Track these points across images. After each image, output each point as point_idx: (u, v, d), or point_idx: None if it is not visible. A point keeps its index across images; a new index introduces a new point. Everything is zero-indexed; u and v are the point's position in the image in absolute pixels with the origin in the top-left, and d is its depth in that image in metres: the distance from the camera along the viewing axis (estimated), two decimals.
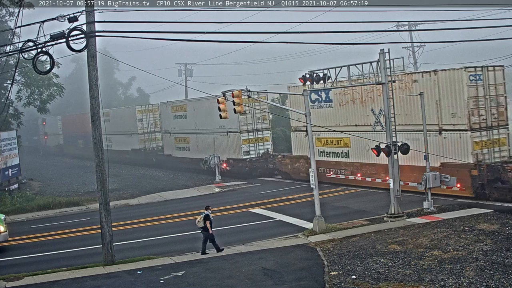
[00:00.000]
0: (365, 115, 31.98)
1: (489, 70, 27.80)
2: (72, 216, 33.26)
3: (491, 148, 27.68)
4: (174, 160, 51.98)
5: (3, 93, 46.13)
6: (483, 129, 27.58)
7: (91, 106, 21.44)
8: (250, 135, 42.13)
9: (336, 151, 35.11)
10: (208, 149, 45.55)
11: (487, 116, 27.71)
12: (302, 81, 26.87)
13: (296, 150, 39.19)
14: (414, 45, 50.42)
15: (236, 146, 42.48)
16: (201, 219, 21.61)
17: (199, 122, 46.94)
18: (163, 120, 55.03)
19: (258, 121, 42.33)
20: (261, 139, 42.39)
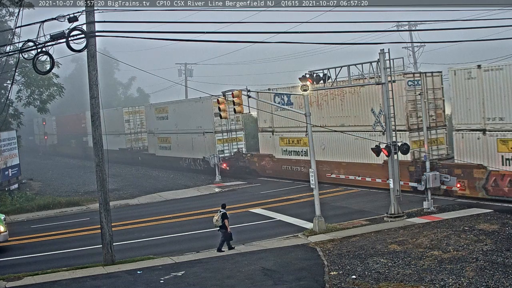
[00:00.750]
0: (321, 116, 34.55)
1: (427, 76, 30.24)
2: (72, 216, 33.26)
3: (430, 147, 29.32)
4: (157, 159, 54.71)
5: (3, 93, 46.13)
6: (421, 130, 29.26)
7: (91, 106, 21.44)
8: (224, 135, 45.12)
9: (297, 150, 38.28)
10: (187, 148, 48.94)
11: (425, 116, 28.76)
12: (302, 81, 26.84)
13: (263, 149, 42.50)
14: (414, 45, 50.40)
15: (211, 146, 45.10)
16: (219, 218, 21.77)
17: (179, 123, 49.84)
18: (148, 121, 57.59)
19: (232, 122, 45.15)
20: (235, 139, 45.42)
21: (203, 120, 46.04)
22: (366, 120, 32.08)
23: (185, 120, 48.98)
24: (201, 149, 46.63)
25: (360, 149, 32.58)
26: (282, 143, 39.76)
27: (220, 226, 21.76)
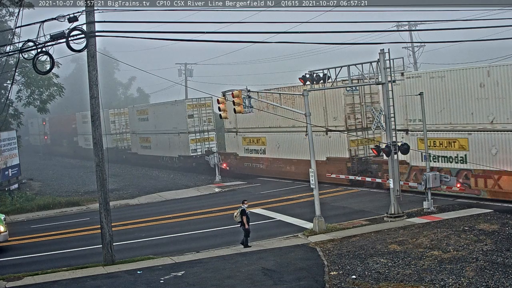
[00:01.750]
0: (275, 119, 37.32)
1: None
2: (72, 216, 33.26)
3: (366, 145, 33.92)
4: (139, 157, 59.14)
5: (3, 93, 46.14)
6: (358, 130, 33.86)
7: (91, 106, 21.43)
8: (197, 135, 49.59)
9: (256, 149, 42.37)
10: (165, 147, 53.63)
11: (362, 119, 33.97)
12: (302, 81, 26.88)
13: (228, 148, 46.65)
14: (414, 45, 50.40)
15: (185, 145, 49.75)
16: (238, 214, 22.08)
17: (158, 124, 54.27)
18: (131, 122, 61.92)
19: (204, 123, 49.84)
20: (207, 138, 49.84)
21: (178, 122, 50.37)
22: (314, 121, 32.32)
23: (163, 121, 53.31)
24: (177, 148, 51.23)
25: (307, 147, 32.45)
26: (244, 142, 43.93)
27: (240, 222, 22.16)
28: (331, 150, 35.23)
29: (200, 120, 49.61)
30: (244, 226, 22.01)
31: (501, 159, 25.56)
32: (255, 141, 42.63)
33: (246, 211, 22.14)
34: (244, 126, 43.43)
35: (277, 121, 37.78)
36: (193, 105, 49.98)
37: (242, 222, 22.01)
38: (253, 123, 41.68)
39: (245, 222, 21.94)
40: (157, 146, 55.05)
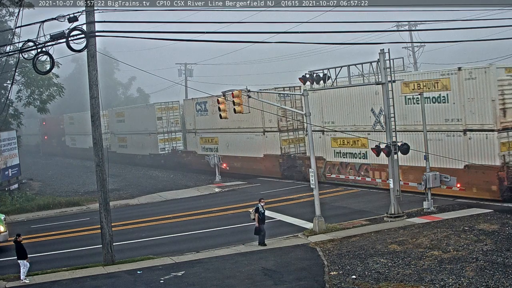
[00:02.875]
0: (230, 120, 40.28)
1: (296, 89, 37.02)
2: (72, 216, 33.26)
3: (297, 144, 39.72)
4: (117, 156, 63.03)
5: (3, 93, 46.13)
6: (290, 131, 39.79)
7: (91, 106, 21.45)
8: (165, 135, 55.22)
9: (211, 147, 48.26)
10: (138, 147, 59.20)
11: (293, 122, 39.14)
12: (302, 81, 26.86)
13: (189, 147, 52.91)
14: (414, 45, 50.38)
15: (155, 144, 55.56)
16: (253, 212, 22.34)
17: (132, 125, 59.57)
18: (110, 123, 66.49)
19: (172, 125, 55.21)
20: (174, 138, 55.30)
21: (149, 123, 55.97)
22: (255, 123, 40.97)
23: (136, 123, 58.72)
24: (148, 146, 57.09)
25: (249, 146, 42.73)
26: (201, 141, 49.85)
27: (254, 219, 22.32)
28: (267, 148, 41.20)
29: (168, 122, 55.27)
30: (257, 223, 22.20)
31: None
32: (210, 141, 48.55)
33: (260, 210, 22.21)
34: (201, 128, 49.21)
35: (227, 123, 41.35)
36: (162, 109, 55.37)
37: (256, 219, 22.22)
38: (208, 124, 47.60)
39: (257, 219, 22.10)
40: (132, 145, 60.80)
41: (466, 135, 27.17)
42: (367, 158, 32.21)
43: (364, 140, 31.85)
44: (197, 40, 20.90)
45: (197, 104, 49.29)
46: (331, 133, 34.67)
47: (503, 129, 26.22)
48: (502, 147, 26.27)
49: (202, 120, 48.53)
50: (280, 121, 39.52)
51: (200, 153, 49.53)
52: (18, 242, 19.97)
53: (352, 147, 33.73)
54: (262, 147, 41.56)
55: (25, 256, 19.78)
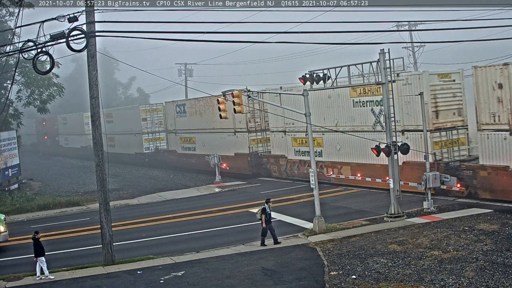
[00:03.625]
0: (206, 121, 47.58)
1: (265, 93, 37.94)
2: (72, 216, 33.25)
3: (264, 143, 43.16)
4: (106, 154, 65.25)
5: (3, 93, 46.14)
6: (258, 131, 43.12)
7: (91, 106, 21.49)
8: (149, 135, 58.83)
9: (190, 146, 51.74)
10: (125, 146, 62.46)
11: (261, 123, 42.92)
12: (302, 81, 26.86)
13: (170, 146, 56.71)
14: (414, 45, 50.34)
15: (140, 144, 59.03)
16: (259, 212, 22.34)
17: (120, 126, 62.65)
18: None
19: (156, 126, 58.83)
20: (158, 138, 58.82)
21: (134, 124, 59.19)
22: (227, 124, 43.27)
23: (123, 124, 62.17)
24: (133, 146, 60.30)
25: (222, 145, 46.16)
26: (181, 141, 53.24)
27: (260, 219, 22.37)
28: (238, 147, 44.16)
29: (152, 123, 58.75)
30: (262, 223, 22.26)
31: (342, 153, 34.47)
32: (188, 140, 51.98)
33: (267, 210, 22.26)
34: (181, 128, 52.80)
35: (203, 124, 47.68)
36: (146, 110, 58.95)
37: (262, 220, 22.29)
38: (187, 125, 51.65)
39: (263, 220, 22.15)
40: (120, 144, 64.12)
41: (404, 135, 29.98)
42: (322, 156, 35.98)
43: (319, 139, 35.86)
44: (197, 40, 20.90)
45: (177, 106, 53.37)
46: (292, 134, 38.40)
47: (436, 130, 29.23)
48: (434, 145, 29.15)
49: (182, 121, 52.57)
50: (249, 122, 43.05)
51: (180, 152, 53.49)
52: (37, 239, 20.11)
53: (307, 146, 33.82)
54: (233, 146, 44.68)
55: (43, 253, 19.98)
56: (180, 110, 52.97)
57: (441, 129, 29.52)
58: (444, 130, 29.55)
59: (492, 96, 25.74)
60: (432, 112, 29.22)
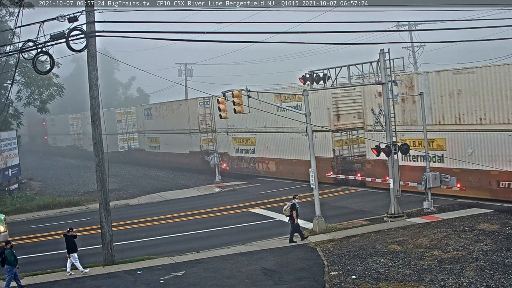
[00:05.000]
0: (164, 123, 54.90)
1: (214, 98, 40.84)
2: (72, 216, 33.25)
3: (214, 143, 47.66)
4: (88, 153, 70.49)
5: (3, 93, 46.12)
6: (209, 132, 48.40)
7: (91, 106, 21.46)
8: (124, 136, 66.13)
9: (155, 145, 58.63)
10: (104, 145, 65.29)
11: (212, 124, 47.53)
12: (302, 81, 26.86)
13: (140, 145, 63.19)
14: (414, 45, 50.32)
15: (115, 143, 64.58)
16: (288, 208, 22.40)
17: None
18: (83, 125, 78.06)
19: (130, 127, 65.57)
20: (131, 138, 65.51)
21: (110, 125, 61.24)
22: (183, 125, 51.37)
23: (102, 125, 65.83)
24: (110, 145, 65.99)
25: (180, 144, 52.33)
26: (148, 141, 60.00)
27: (289, 216, 22.39)
28: (192, 146, 50.45)
29: (126, 124, 65.31)
30: (294, 220, 22.27)
31: (270, 150, 40.46)
32: (154, 140, 58.48)
33: (297, 206, 22.30)
34: (148, 129, 59.29)
35: (165, 125, 54.54)
36: (121, 113, 66.15)
37: (291, 216, 22.27)
38: (153, 127, 58.38)
39: (295, 216, 22.16)
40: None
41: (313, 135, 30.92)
42: (254, 153, 42.09)
43: (252, 138, 42.17)
44: (197, 40, 20.89)
45: (145, 110, 60.55)
46: (233, 134, 44.58)
47: (337, 130, 34.87)
48: (336, 143, 35.20)
49: (149, 123, 59.22)
50: (201, 124, 48.80)
51: (148, 150, 60.21)
52: (69, 236, 20.30)
53: (246, 145, 43.39)
54: (188, 145, 50.94)
55: (76, 250, 20.21)
56: (148, 113, 59.53)
57: (342, 130, 34.70)
58: (344, 130, 34.63)
59: (374, 103, 30.73)
60: (334, 116, 35.03)
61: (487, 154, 26.23)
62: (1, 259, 18.55)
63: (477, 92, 26.38)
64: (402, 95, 29.94)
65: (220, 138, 46.69)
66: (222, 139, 46.48)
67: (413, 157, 29.54)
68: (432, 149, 28.04)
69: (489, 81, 25.78)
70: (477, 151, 26.68)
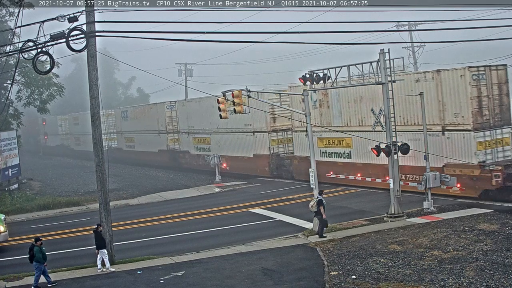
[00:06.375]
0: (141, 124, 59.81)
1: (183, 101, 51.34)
2: (72, 216, 33.26)
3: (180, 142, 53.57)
4: (75, 152, 79.07)
5: (3, 93, 46.14)
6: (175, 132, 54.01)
7: (91, 106, 21.47)
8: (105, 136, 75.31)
9: (130, 144, 63.75)
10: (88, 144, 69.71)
11: (177, 125, 53.13)
12: (302, 81, 26.86)
13: (119, 145, 67.67)
14: (414, 45, 50.33)
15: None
16: (315, 204, 22.66)
17: (83, 127, 71.88)
18: (70, 126, 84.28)
19: (111, 127, 69.09)
20: (112, 138, 68.75)
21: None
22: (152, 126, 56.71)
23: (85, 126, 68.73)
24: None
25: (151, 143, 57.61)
26: (125, 140, 65.13)
27: (316, 212, 22.65)
28: (160, 145, 56.31)
29: (107, 125, 67.53)
30: (321, 216, 22.45)
31: (222, 148, 44.93)
32: (130, 140, 63.67)
33: (323, 201, 22.39)
34: (125, 130, 64.27)
35: (139, 126, 59.97)
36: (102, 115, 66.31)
37: (319, 211, 22.47)
38: (128, 127, 63.43)
39: (322, 211, 22.34)
40: (84, 143, 73.21)
41: (254, 135, 41.50)
42: (210, 151, 46.64)
43: (208, 138, 47.96)
44: (197, 40, 20.88)
45: (122, 112, 65.70)
46: (193, 134, 50.02)
47: (273, 131, 40.53)
48: (272, 142, 40.49)
49: (125, 124, 64.31)
50: (168, 125, 54.51)
51: (125, 149, 65.12)
52: (99, 232, 20.39)
53: (203, 144, 49.01)
54: (157, 144, 56.67)
55: (105, 246, 20.31)
56: (124, 115, 64.82)
57: (278, 131, 40.48)
58: (280, 131, 40.47)
59: (299, 108, 32.93)
60: (270, 119, 39.87)
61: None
62: (29, 256, 18.93)
63: (374, 98, 30.84)
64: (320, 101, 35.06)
65: (183, 138, 52.64)
66: (185, 139, 52.24)
67: (335, 154, 35.19)
68: (342, 147, 34.45)
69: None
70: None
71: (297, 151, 38.25)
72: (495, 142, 27.72)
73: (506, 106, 28.70)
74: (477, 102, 27.15)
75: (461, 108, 27.18)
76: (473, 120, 26.98)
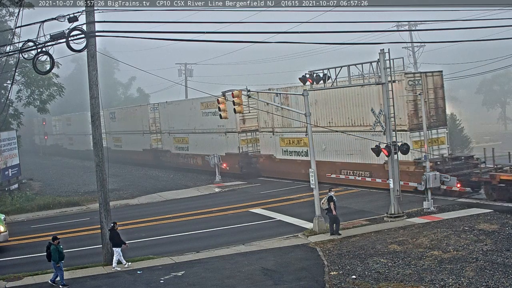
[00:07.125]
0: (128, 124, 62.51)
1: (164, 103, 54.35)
2: (72, 216, 33.24)
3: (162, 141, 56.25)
4: (67, 151, 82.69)
5: (3, 93, 46.11)
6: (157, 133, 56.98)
7: (91, 106, 21.47)
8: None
9: (118, 144, 66.07)
10: (80, 144, 75.78)
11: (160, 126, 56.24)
12: (302, 81, 26.84)
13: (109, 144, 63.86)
14: (414, 45, 50.31)
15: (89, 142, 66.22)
16: (325, 201, 22.59)
17: (75, 128, 78.77)
18: (63, 126, 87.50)
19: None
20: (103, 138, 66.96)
21: (84, 126, 68.84)
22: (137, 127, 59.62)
23: (77, 126, 77.06)
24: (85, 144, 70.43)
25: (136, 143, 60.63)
26: (114, 140, 66.82)
27: (327, 208, 22.62)
28: (145, 145, 59.09)
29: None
30: (332, 212, 22.47)
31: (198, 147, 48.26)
32: (118, 140, 66.39)
33: (334, 198, 22.52)
34: (113, 130, 65.66)
35: (125, 127, 62.81)
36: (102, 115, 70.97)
37: (329, 208, 22.47)
38: (116, 128, 65.40)
39: (333, 208, 22.35)
40: (76, 143, 78.84)
41: (226, 135, 44.49)
42: (188, 150, 49.86)
43: (187, 138, 50.63)
44: (197, 40, 20.87)
45: (110, 113, 67.25)
46: (173, 134, 52.86)
47: (242, 131, 43.42)
48: (241, 142, 43.31)
49: (113, 124, 65.96)
50: (151, 126, 57.32)
51: (113, 149, 65.28)
52: (115, 231, 20.45)
53: (182, 143, 51.63)
54: (142, 144, 59.61)
55: (120, 244, 20.35)
56: (113, 116, 67.00)
57: (247, 131, 43.41)
58: (249, 131, 43.41)
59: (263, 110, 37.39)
60: (240, 120, 42.53)
61: (334, 149, 34.62)
62: (46, 254, 18.98)
63: (327, 102, 33.82)
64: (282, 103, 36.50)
65: (165, 138, 55.53)
66: (166, 139, 55.11)
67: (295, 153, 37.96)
68: (300, 146, 36.97)
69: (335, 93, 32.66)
70: (328, 147, 35.12)
71: (263, 150, 41.72)
72: (431, 141, 29.70)
73: (442, 109, 30.88)
74: (413, 105, 29.48)
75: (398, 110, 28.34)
76: (409, 121, 29.35)
